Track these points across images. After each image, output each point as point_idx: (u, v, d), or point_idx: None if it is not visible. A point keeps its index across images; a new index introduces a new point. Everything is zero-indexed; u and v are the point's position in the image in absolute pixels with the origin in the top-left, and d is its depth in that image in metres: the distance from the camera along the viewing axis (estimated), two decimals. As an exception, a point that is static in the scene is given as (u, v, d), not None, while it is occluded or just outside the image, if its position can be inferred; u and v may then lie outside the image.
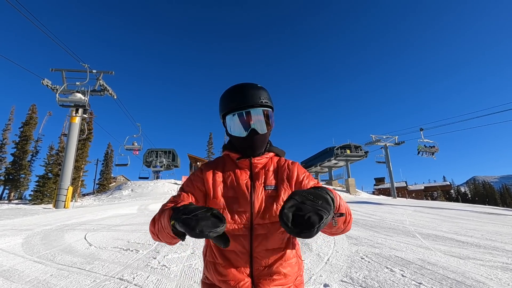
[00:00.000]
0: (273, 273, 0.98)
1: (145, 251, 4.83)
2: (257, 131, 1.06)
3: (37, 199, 25.64)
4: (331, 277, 3.52)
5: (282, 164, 1.16)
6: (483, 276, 3.55)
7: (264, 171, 1.11)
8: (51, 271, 3.76)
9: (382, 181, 69.13)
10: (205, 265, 1.07)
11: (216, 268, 1.00)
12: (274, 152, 1.18)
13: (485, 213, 13.75)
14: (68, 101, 19.06)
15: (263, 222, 1.00)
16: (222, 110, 1.11)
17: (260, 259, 0.98)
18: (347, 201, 22.15)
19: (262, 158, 1.13)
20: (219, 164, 1.15)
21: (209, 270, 1.03)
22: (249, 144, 1.08)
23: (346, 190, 39.46)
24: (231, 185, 1.06)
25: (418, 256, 4.51)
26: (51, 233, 6.64)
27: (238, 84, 1.12)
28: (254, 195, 1.03)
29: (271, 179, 1.09)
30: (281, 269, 0.99)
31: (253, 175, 1.09)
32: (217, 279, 0.99)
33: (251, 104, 1.04)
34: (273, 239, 1.00)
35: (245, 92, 1.06)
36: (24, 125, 34.14)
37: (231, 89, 1.11)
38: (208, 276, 1.05)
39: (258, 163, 1.11)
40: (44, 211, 13.85)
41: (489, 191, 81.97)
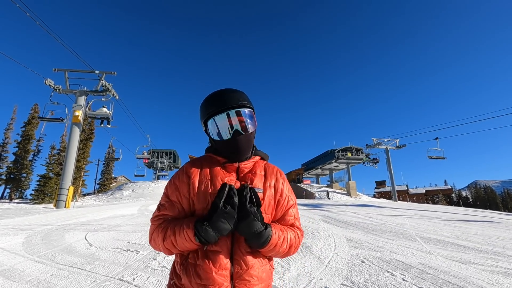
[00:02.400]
0: (251, 277, 0.98)
1: (145, 252, 4.82)
2: (240, 132, 1.06)
3: (38, 198, 25.70)
4: (331, 280, 3.50)
5: (271, 170, 1.16)
6: (484, 281, 3.53)
7: (250, 174, 1.11)
8: (52, 271, 3.76)
9: (383, 184, 68.93)
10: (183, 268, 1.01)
11: (197, 271, 0.97)
12: (260, 156, 1.19)
13: (486, 217, 13.69)
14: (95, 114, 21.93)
15: None
16: (202, 117, 1.11)
17: (240, 262, 0.98)
18: (348, 204, 22.07)
19: (249, 162, 1.13)
20: (204, 164, 1.12)
21: (188, 274, 0.98)
22: (234, 147, 1.07)
23: (347, 193, 39.35)
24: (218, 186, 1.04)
25: (419, 260, 4.49)
26: (52, 233, 6.65)
27: (215, 91, 1.13)
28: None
29: (258, 182, 1.09)
30: (258, 274, 1.00)
31: (239, 177, 1.09)
32: (195, 283, 0.96)
33: (230, 106, 1.05)
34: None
35: (223, 95, 1.07)
36: (26, 124, 34.25)
37: (208, 96, 1.12)
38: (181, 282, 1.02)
39: (245, 167, 1.11)
40: (45, 210, 13.87)
41: (491, 196, 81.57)
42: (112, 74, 20.93)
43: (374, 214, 13.20)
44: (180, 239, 0.96)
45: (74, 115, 19.26)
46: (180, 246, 0.97)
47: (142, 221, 9.05)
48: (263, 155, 1.20)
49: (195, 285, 0.96)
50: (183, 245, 0.97)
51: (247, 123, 1.07)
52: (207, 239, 0.93)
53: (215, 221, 0.92)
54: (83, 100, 20.02)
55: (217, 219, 0.91)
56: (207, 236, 0.92)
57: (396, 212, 14.49)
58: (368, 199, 38.03)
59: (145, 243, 5.57)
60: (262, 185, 1.09)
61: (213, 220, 0.92)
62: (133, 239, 5.97)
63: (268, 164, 1.19)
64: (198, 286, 0.95)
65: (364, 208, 16.69)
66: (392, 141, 40.64)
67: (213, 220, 0.92)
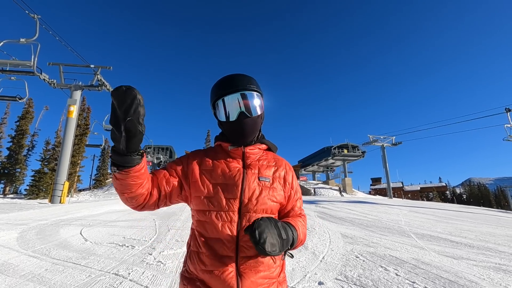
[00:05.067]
0: (258, 263, 0.98)
1: (141, 247, 4.82)
2: (246, 114, 1.06)
3: (32, 193, 25.53)
4: (325, 275, 3.54)
5: (281, 162, 1.18)
6: (475, 276, 3.59)
7: (258, 163, 1.12)
8: (46, 266, 3.75)
9: (379, 181, 69.53)
10: (188, 256, 1.06)
11: (200, 258, 0.99)
12: (267, 145, 1.19)
13: (480, 214, 13.88)
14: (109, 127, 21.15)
15: (253, 211, 1.01)
16: (212, 99, 1.13)
17: (246, 248, 0.97)
18: (344, 200, 22.24)
19: (255, 148, 1.13)
20: (209, 152, 1.15)
21: (192, 261, 1.01)
22: (239, 129, 1.08)
23: (342, 190, 39.60)
24: (222, 172, 1.06)
25: (412, 256, 4.55)
26: (47, 228, 6.61)
27: (227, 75, 1.14)
28: (245, 183, 1.04)
29: (266, 171, 1.10)
30: (265, 260, 1.00)
31: (245, 164, 1.09)
32: (200, 269, 0.98)
33: (238, 88, 1.07)
34: None
35: (233, 79, 1.09)
36: (20, 119, 33.84)
37: (219, 80, 1.14)
38: (189, 269, 1.04)
39: (252, 153, 1.12)
40: (40, 206, 13.77)
41: (484, 193, 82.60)
42: (108, 68, 20.72)
43: (369, 210, 13.31)
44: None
45: (69, 110, 19.05)
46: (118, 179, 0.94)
47: (138, 217, 9.03)
48: (271, 145, 1.20)
49: (200, 271, 0.98)
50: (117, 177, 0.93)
51: (253, 106, 1.08)
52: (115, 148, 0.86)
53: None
54: (78, 94, 19.81)
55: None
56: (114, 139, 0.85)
57: (391, 209, 14.62)
58: (364, 196, 38.34)
59: (141, 238, 5.57)
60: (272, 174, 1.10)
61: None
62: (129, 234, 5.97)
63: (277, 156, 1.20)
64: (203, 272, 0.97)
65: (360, 205, 16.81)
66: (388, 138, 40.88)
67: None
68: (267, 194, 1.05)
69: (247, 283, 0.95)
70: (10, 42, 16.36)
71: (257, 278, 0.97)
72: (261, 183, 1.06)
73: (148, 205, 1.04)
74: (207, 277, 0.97)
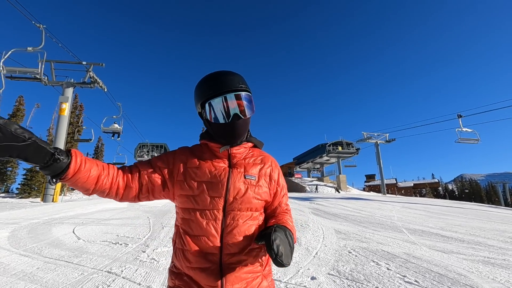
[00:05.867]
0: (241, 260, 0.99)
1: (134, 245, 4.81)
2: (239, 116, 1.03)
3: (24, 192, 25.16)
4: (318, 270, 3.58)
5: (267, 159, 1.17)
6: (465, 269, 3.66)
7: (244, 162, 1.11)
8: (38, 264, 3.72)
9: (373, 178, 70.14)
10: (174, 253, 1.07)
11: (185, 255, 1.00)
12: (253, 143, 1.18)
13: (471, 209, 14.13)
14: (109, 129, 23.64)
15: (237, 210, 1.02)
16: (200, 98, 1.08)
17: (230, 245, 0.99)
18: (338, 197, 22.42)
19: (241, 148, 1.12)
20: (196, 151, 1.14)
21: (178, 258, 1.02)
22: (231, 131, 1.05)
23: (337, 186, 39.88)
24: (208, 170, 1.05)
25: (404, 250, 4.62)
26: (39, 227, 6.54)
27: (213, 72, 1.10)
28: (230, 182, 1.03)
29: (252, 169, 1.10)
30: (249, 257, 1.01)
31: (231, 163, 1.09)
32: (185, 266, 0.99)
33: (230, 89, 1.03)
34: (245, 227, 1.02)
35: (223, 78, 1.05)
36: (11, 117, 33.19)
37: (207, 77, 1.09)
38: (176, 264, 1.05)
39: (237, 152, 1.11)
40: (32, 205, 13.60)
41: (476, 189, 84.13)
42: (100, 65, 20.41)
43: (363, 206, 13.44)
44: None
45: (61, 107, 18.78)
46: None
47: (131, 215, 8.98)
48: (257, 142, 1.18)
49: (185, 268, 1.00)
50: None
51: (246, 107, 1.05)
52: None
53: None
54: (70, 92, 19.52)
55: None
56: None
57: (384, 205, 14.79)
58: (358, 192, 38.67)
59: (134, 236, 5.55)
60: (257, 172, 1.10)
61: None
62: (122, 233, 5.93)
63: (263, 153, 1.19)
64: (188, 269, 0.99)
65: (353, 201, 16.97)
66: (382, 135, 41.22)
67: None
68: (252, 193, 1.05)
69: (231, 278, 0.96)
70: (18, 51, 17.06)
71: (241, 273, 0.98)
72: (247, 181, 1.06)
73: (126, 197, 1.03)
74: (192, 273, 0.98)
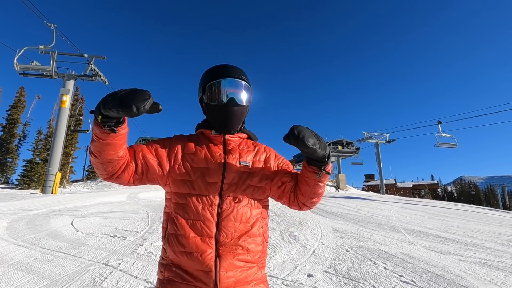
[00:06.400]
0: (237, 246, 0.99)
1: (132, 238, 4.82)
2: (235, 101, 1.09)
3: (24, 184, 25.25)
4: (315, 268, 3.58)
5: (259, 147, 1.21)
6: (461, 270, 3.67)
7: (238, 149, 1.14)
8: (35, 255, 3.72)
9: (372, 177, 70.27)
10: (166, 239, 1.03)
11: (179, 240, 0.98)
12: (247, 134, 1.21)
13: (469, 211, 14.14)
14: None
15: (233, 195, 1.03)
16: (203, 82, 1.16)
17: (226, 230, 0.99)
18: (337, 196, 22.46)
19: (235, 136, 1.16)
20: (192, 138, 1.16)
21: (171, 244, 1.00)
22: (225, 115, 1.10)
23: (337, 185, 39.95)
24: (205, 156, 1.07)
25: (401, 250, 4.62)
26: (37, 218, 6.56)
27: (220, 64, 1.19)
28: (226, 167, 1.06)
29: (246, 156, 1.12)
30: (245, 244, 1.00)
31: (226, 150, 1.11)
32: (179, 251, 0.97)
33: (231, 75, 1.11)
34: (241, 212, 1.03)
35: (227, 67, 1.15)
36: (11, 108, 33.25)
37: (213, 66, 1.18)
38: (166, 254, 1.03)
39: (232, 140, 1.14)
40: (31, 196, 13.63)
41: (475, 191, 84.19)
42: (102, 58, 20.37)
43: (362, 206, 13.47)
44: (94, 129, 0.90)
45: (62, 99, 18.76)
46: (93, 138, 0.92)
47: (130, 208, 9.00)
48: (251, 135, 1.22)
49: (178, 253, 0.97)
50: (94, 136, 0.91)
51: (243, 95, 1.12)
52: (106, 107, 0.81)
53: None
54: (72, 84, 19.49)
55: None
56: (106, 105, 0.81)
57: (383, 205, 14.82)
58: (357, 192, 38.80)
59: (132, 230, 5.56)
60: (252, 158, 1.13)
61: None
62: (120, 226, 5.95)
63: (256, 143, 1.23)
64: (182, 254, 0.96)
65: (352, 200, 17.00)
66: (382, 135, 41.22)
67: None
68: (247, 178, 1.07)
69: (225, 264, 0.95)
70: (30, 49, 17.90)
71: (236, 260, 0.98)
72: (242, 167, 1.08)
73: (123, 175, 1.02)
74: (185, 260, 0.96)
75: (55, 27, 18.07)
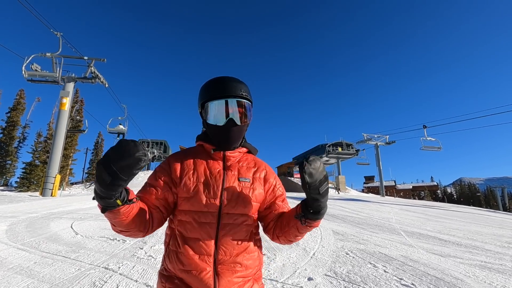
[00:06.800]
0: (236, 264, 1.00)
1: (132, 241, 4.81)
2: (234, 122, 1.07)
3: (23, 186, 25.18)
4: (315, 271, 3.58)
5: (260, 163, 1.20)
6: (461, 273, 3.67)
7: (238, 165, 1.13)
8: (35, 259, 3.72)
9: (372, 179, 70.26)
10: (166, 255, 1.05)
11: (179, 257, 0.99)
12: (248, 148, 1.19)
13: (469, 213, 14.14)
14: (114, 130, 26.00)
15: (232, 212, 1.02)
16: (202, 98, 1.11)
17: (225, 248, 0.99)
18: (336, 198, 22.44)
19: (235, 152, 1.14)
20: (190, 153, 1.14)
21: (171, 260, 1.01)
22: (225, 135, 1.08)
23: (337, 187, 39.91)
24: (204, 172, 1.06)
25: (401, 253, 4.62)
26: (37, 221, 6.55)
27: (220, 76, 1.13)
28: (225, 184, 1.05)
29: (246, 172, 1.12)
30: (243, 261, 1.01)
31: (226, 166, 1.10)
32: (178, 269, 0.98)
33: (231, 94, 1.06)
34: (239, 229, 1.03)
35: (227, 83, 1.08)
36: (11, 110, 33.21)
37: (212, 80, 1.13)
38: (168, 267, 1.03)
39: (231, 156, 1.12)
40: (30, 198, 13.61)
41: (474, 193, 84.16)
42: (102, 61, 20.41)
43: (361, 208, 13.46)
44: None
45: (62, 102, 18.77)
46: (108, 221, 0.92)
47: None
48: (252, 148, 1.20)
49: (178, 270, 0.98)
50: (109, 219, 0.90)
51: (243, 114, 1.09)
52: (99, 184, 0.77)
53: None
54: (71, 86, 19.50)
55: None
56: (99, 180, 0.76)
57: (383, 207, 14.81)
58: (357, 194, 38.72)
59: (132, 233, 5.54)
60: (252, 175, 1.12)
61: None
62: (120, 229, 5.93)
63: (257, 159, 1.21)
64: (181, 271, 0.97)
65: (352, 202, 16.99)
66: (382, 137, 41.24)
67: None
68: (247, 195, 1.06)
69: (223, 283, 0.96)
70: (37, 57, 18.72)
71: (234, 277, 0.99)
72: (241, 184, 1.07)
73: (155, 226, 1.03)
74: (185, 276, 0.97)
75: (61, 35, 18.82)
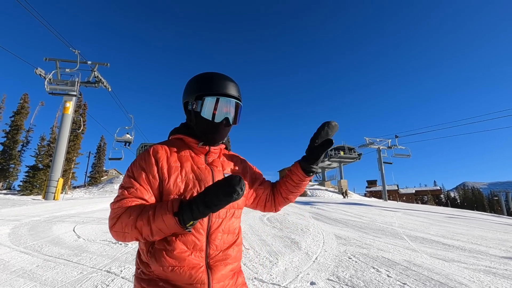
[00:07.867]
0: (226, 256, 1.02)
1: (134, 245, 4.80)
2: (229, 122, 1.11)
3: (26, 190, 25.30)
4: (318, 275, 3.56)
5: (235, 156, 1.26)
6: (465, 278, 3.63)
7: (219, 159, 1.17)
8: (38, 262, 3.73)
9: (374, 183, 69.82)
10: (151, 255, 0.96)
11: (168, 255, 0.93)
12: (225, 144, 1.25)
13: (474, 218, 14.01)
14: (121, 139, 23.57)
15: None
16: (198, 90, 1.08)
17: (216, 243, 1.01)
18: (339, 202, 22.32)
19: (217, 148, 1.17)
20: (170, 147, 1.09)
21: (158, 259, 0.94)
22: (216, 132, 1.11)
23: (338, 191, 39.74)
24: (192, 168, 1.05)
25: (404, 258, 4.58)
26: (39, 224, 6.57)
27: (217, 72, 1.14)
28: (215, 179, 1.05)
29: (228, 167, 1.17)
30: (232, 253, 1.05)
31: (207, 160, 1.13)
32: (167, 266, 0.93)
33: (233, 95, 1.10)
34: (230, 223, 1.07)
35: (228, 82, 1.11)
36: (15, 114, 33.53)
37: (211, 74, 1.12)
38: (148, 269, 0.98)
39: (213, 152, 1.16)
40: (33, 202, 13.65)
41: (478, 197, 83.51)
42: (105, 65, 20.60)
43: (364, 212, 13.38)
44: (158, 223, 0.85)
45: (65, 106, 18.91)
46: (155, 231, 0.87)
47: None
48: (227, 144, 1.28)
49: (167, 269, 0.93)
50: (159, 231, 0.87)
51: (236, 116, 1.14)
52: (195, 218, 0.82)
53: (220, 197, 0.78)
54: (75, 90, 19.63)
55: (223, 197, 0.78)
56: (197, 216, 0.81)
57: (386, 211, 14.71)
58: (359, 198, 38.51)
59: (134, 236, 5.55)
60: (232, 170, 1.18)
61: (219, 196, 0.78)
62: (122, 232, 5.93)
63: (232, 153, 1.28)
64: (171, 269, 0.93)
65: (355, 207, 16.89)
66: (384, 141, 41.14)
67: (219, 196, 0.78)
68: None
69: (217, 276, 0.97)
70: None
71: (225, 270, 1.00)
72: None
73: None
74: (174, 274, 0.93)
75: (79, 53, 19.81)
